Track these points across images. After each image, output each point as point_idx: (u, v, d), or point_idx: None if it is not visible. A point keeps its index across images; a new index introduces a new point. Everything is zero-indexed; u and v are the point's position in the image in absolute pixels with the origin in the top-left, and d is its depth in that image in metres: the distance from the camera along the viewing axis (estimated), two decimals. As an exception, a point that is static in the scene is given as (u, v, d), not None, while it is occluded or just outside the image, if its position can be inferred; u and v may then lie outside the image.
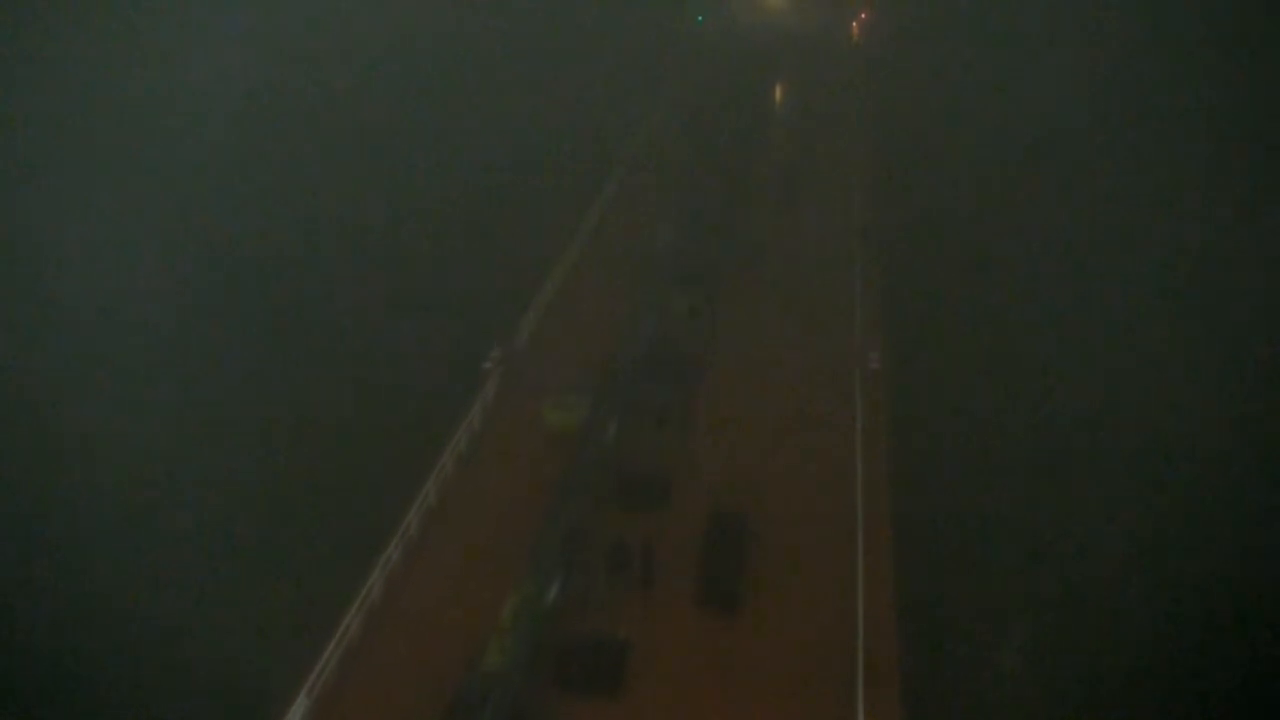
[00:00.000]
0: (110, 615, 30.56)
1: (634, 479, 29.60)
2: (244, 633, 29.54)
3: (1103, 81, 79.39)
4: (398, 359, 42.80)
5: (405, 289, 48.92)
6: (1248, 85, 75.74)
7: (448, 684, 22.80)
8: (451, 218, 56.53)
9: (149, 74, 74.21)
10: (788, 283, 42.91)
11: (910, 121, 69.08)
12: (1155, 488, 36.54)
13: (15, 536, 33.54)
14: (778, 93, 73.43)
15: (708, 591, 25.69)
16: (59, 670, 29.04)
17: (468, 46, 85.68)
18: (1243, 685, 29.15)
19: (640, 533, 26.85)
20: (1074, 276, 51.72)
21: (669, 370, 35.11)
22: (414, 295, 48.28)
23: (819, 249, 46.20)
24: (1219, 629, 31.14)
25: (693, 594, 25.83)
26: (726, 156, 56.07)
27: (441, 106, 73.17)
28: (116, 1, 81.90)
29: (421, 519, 28.27)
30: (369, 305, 47.59)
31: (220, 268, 50.95)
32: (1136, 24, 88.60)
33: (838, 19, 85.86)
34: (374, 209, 56.86)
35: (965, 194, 60.32)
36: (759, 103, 68.77)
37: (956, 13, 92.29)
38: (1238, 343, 45.68)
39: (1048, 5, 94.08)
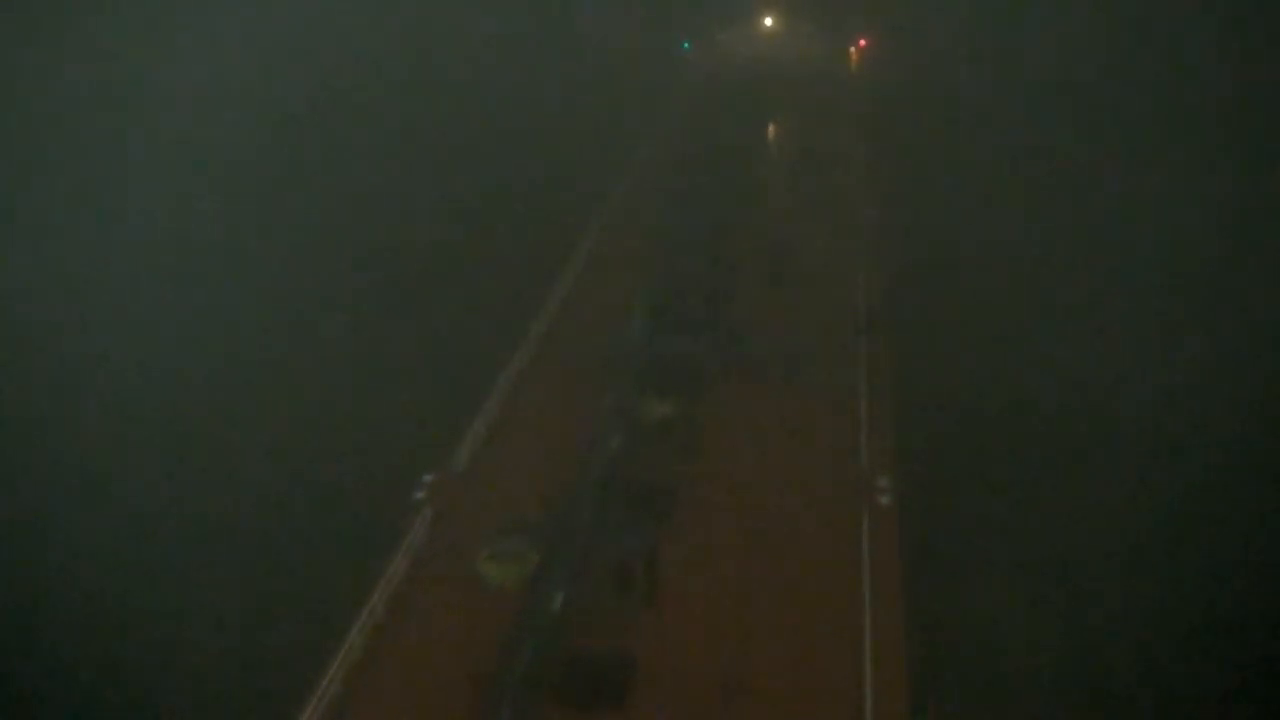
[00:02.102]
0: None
1: (587, 665, 24.28)
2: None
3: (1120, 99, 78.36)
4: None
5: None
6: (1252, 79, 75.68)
7: None
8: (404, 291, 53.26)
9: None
10: (783, 384, 37.16)
11: (917, 165, 65.83)
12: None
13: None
14: (770, 140, 69.12)
15: None
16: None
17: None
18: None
19: None
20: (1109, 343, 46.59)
21: (636, 505, 29.43)
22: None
23: (819, 339, 40.44)
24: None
25: None
26: (711, 227, 49.01)
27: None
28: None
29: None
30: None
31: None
32: (1148, 30, 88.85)
33: (834, 46, 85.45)
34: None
35: (981, 252, 55.03)
36: (748, 156, 62.09)
37: (954, 35, 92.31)
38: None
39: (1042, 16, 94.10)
